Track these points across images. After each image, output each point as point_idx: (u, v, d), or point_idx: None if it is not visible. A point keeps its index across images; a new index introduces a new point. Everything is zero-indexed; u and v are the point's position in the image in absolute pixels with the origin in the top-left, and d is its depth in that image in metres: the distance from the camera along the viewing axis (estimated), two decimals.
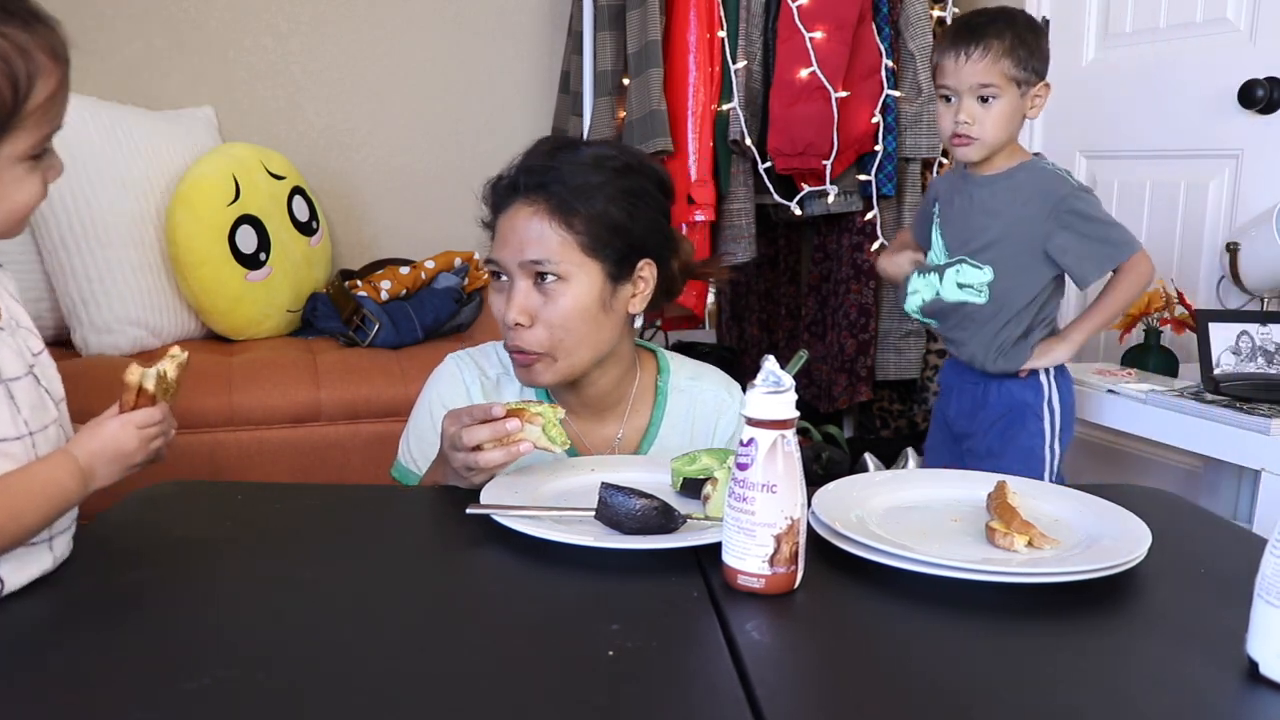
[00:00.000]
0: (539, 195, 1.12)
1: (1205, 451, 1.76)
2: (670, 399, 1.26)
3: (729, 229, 2.38)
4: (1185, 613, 0.82)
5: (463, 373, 1.23)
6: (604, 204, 1.12)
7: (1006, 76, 1.55)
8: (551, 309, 1.11)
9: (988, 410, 1.70)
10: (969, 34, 1.56)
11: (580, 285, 1.12)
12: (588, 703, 0.66)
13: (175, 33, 2.69)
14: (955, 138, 1.60)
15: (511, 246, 1.12)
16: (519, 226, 1.12)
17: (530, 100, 2.97)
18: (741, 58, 2.34)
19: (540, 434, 0.99)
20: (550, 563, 0.87)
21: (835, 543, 0.88)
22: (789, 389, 0.80)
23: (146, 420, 0.84)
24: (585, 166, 1.13)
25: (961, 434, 1.76)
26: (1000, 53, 1.54)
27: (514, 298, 1.12)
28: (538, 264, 1.11)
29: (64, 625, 0.77)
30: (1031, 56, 1.56)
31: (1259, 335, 1.79)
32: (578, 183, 1.11)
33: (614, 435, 1.25)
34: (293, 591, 0.83)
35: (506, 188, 1.15)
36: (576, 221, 1.11)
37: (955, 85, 1.57)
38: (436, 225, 2.92)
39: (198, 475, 1.96)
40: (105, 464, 0.83)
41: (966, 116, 1.57)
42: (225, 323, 2.35)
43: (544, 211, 1.11)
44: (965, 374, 1.74)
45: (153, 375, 0.85)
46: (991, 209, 1.63)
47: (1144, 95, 2.29)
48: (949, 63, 1.57)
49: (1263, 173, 2.04)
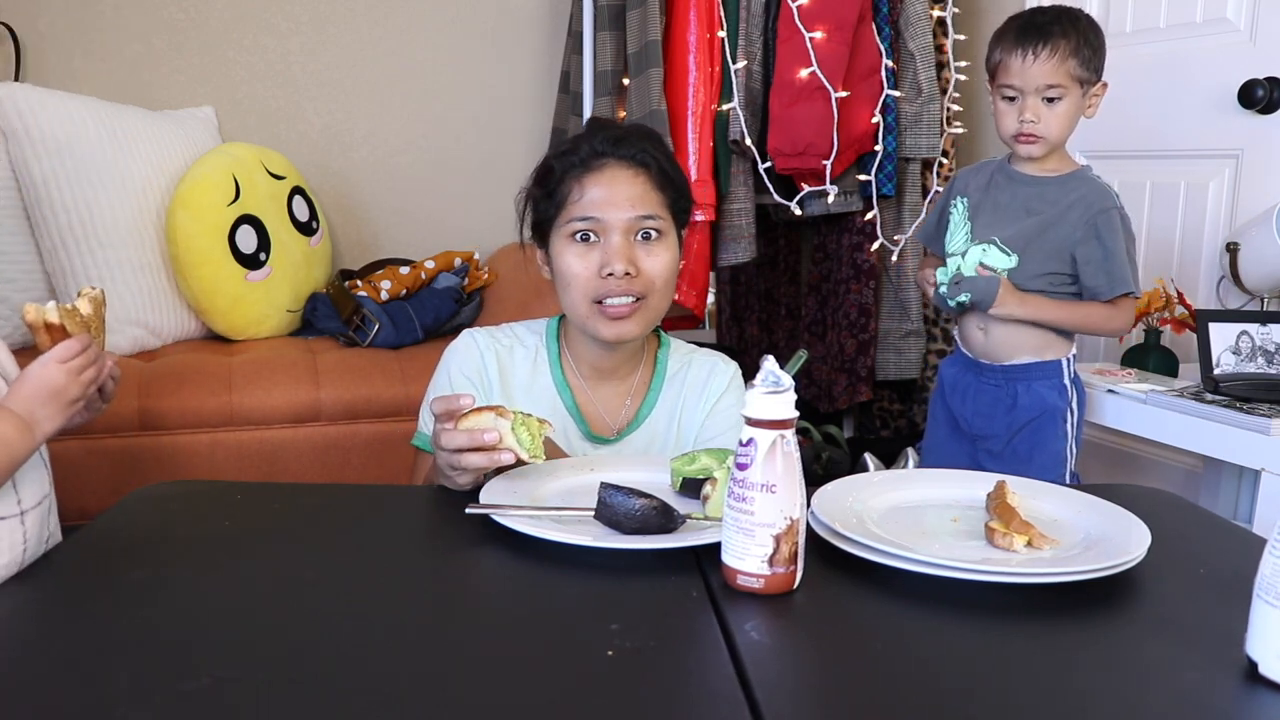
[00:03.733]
0: (634, 162, 1.22)
1: (1205, 451, 1.76)
2: (670, 369, 1.33)
3: (729, 229, 2.38)
4: (1185, 613, 0.82)
5: (478, 342, 1.29)
6: (682, 177, 1.27)
7: (1072, 77, 1.55)
8: (654, 261, 1.21)
9: (1017, 413, 1.69)
10: (1036, 33, 1.55)
11: (672, 243, 1.24)
12: (588, 703, 0.66)
13: (175, 33, 2.69)
14: (1021, 137, 1.59)
15: (618, 204, 1.20)
16: (622, 185, 1.21)
17: (530, 100, 2.97)
18: (741, 58, 2.34)
19: (508, 431, 0.99)
20: (550, 563, 0.87)
21: (835, 543, 0.88)
22: (789, 389, 0.80)
23: (66, 353, 0.82)
24: (657, 142, 1.26)
25: (980, 435, 1.75)
26: (1067, 53, 1.54)
27: (620, 249, 1.20)
28: (648, 219, 1.21)
29: (63, 624, 0.77)
30: (1095, 56, 1.56)
31: (1259, 335, 1.79)
32: (663, 153, 1.24)
33: (623, 403, 1.31)
34: (293, 591, 0.83)
35: (590, 154, 1.22)
36: (669, 187, 1.24)
37: (1021, 85, 1.57)
38: (436, 225, 2.92)
39: (198, 475, 1.96)
40: (42, 406, 0.81)
41: (1033, 115, 1.57)
42: (225, 323, 2.35)
43: (646, 176, 1.22)
44: (986, 372, 1.72)
45: (52, 307, 0.83)
46: (1035, 209, 1.63)
47: (1144, 95, 2.29)
48: (1015, 62, 1.56)
49: (1263, 173, 2.04)
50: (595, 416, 1.29)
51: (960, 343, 1.79)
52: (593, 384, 1.30)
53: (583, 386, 1.29)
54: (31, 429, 0.81)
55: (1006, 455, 1.70)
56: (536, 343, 1.31)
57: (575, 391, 1.29)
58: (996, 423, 1.71)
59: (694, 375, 1.32)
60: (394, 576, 0.88)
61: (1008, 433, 1.71)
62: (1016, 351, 1.69)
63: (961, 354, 1.79)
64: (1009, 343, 1.68)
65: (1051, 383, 1.68)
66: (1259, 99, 1.99)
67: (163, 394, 1.99)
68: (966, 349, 1.77)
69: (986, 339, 1.70)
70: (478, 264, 2.67)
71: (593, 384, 1.30)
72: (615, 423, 1.30)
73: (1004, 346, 1.69)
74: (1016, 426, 1.70)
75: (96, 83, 2.61)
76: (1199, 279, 2.16)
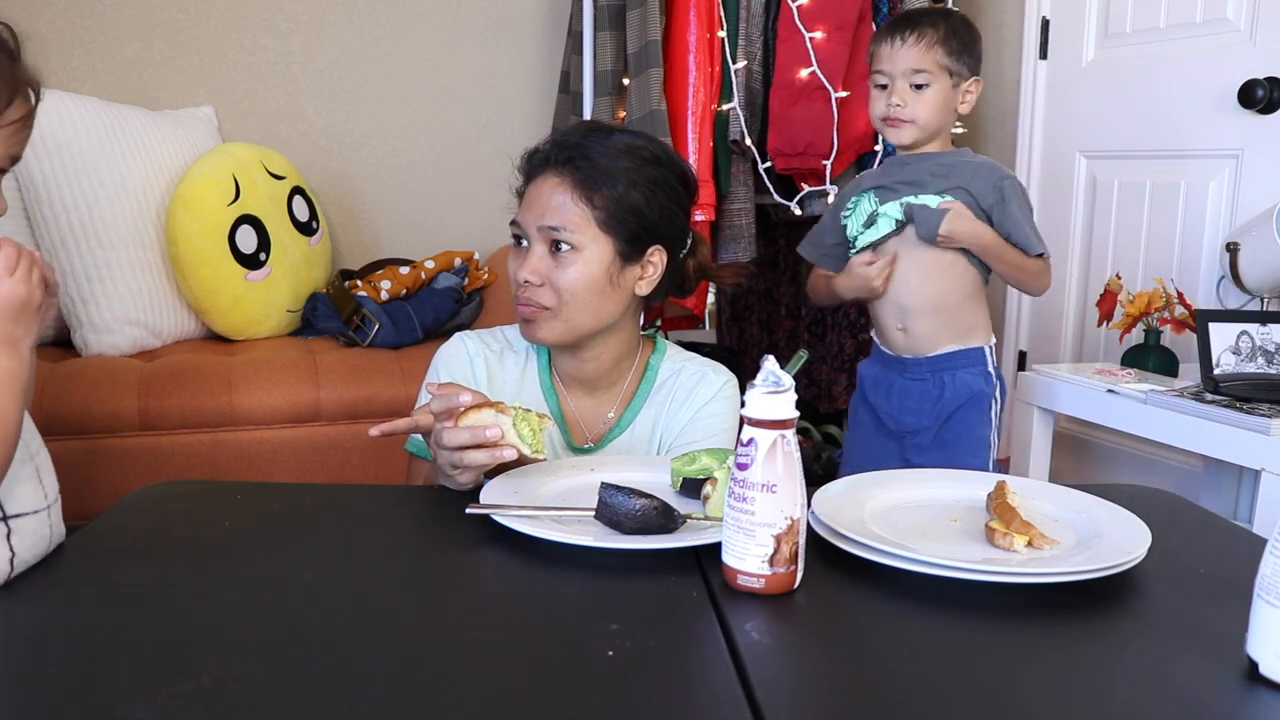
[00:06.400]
0: (566, 169, 1.19)
1: (1205, 451, 1.76)
2: (660, 375, 1.31)
3: (729, 229, 2.38)
4: (1185, 613, 0.82)
5: (467, 346, 1.29)
6: (625, 187, 1.19)
7: (939, 65, 1.62)
8: (561, 274, 1.18)
9: (943, 402, 1.71)
10: (904, 23, 1.64)
11: (591, 257, 1.19)
12: (587, 703, 0.66)
13: (175, 33, 2.69)
14: (888, 120, 1.65)
15: (534, 212, 1.20)
16: (544, 195, 1.19)
17: (530, 100, 2.97)
18: (741, 58, 2.34)
19: (510, 428, 0.99)
20: (550, 563, 0.87)
21: (835, 543, 0.88)
22: (789, 389, 0.80)
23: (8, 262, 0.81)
24: (615, 150, 1.20)
25: (908, 430, 1.75)
26: (934, 41, 1.62)
27: (529, 259, 1.19)
28: (555, 230, 1.18)
29: (62, 624, 0.77)
30: (964, 50, 1.64)
31: (1259, 335, 1.79)
32: (604, 163, 1.19)
33: (606, 413, 1.29)
34: (292, 591, 0.83)
35: (540, 159, 1.23)
36: (596, 198, 1.18)
37: (889, 70, 1.64)
38: (436, 225, 2.92)
39: (198, 475, 1.96)
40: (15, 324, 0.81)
41: (899, 100, 1.63)
42: (225, 323, 2.35)
43: (569, 185, 1.19)
44: (910, 368, 1.73)
45: None
46: (938, 171, 1.67)
47: (1144, 95, 2.29)
48: (884, 49, 1.65)
49: (1263, 173, 2.04)
50: (577, 425, 1.28)
51: (879, 342, 1.80)
52: (577, 393, 1.29)
53: (568, 396, 1.29)
54: (18, 349, 0.80)
55: (934, 445, 1.71)
56: (527, 348, 1.30)
57: (561, 399, 1.28)
58: (925, 416, 1.73)
59: (682, 383, 1.30)
60: (394, 576, 0.88)
61: (936, 424, 1.72)
62: (939, 342, 1.71)
63: (881, 352, 1.79)
64: (931, 335, 1.71)
65: (976, 370, 1.71)
66: (1259, 99, 1.99)
67: (163, 394, 1.99)
68: (887, 347, 1.77)
69: (907, 335, 1.72)
70: (478, 264, 2.67)
71: (577, 393, 1.29)
72: (594, 431, 1.29)
73: (926, 339, 1.71)
74: (944, 416, 1.71)
75: (96, 83, 2.61)
76: (1199, 279, 2.16)
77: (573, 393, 1.29)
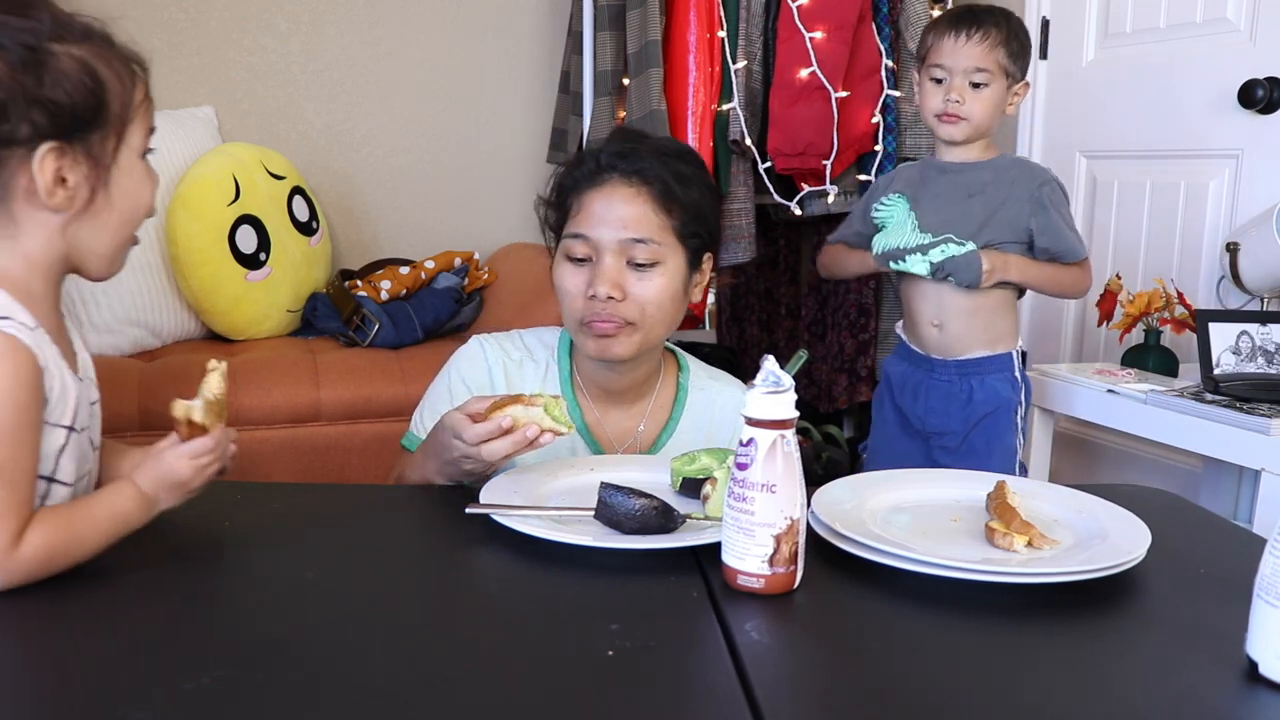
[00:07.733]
0: (639, 179, 1.16)
1: (1205, 451, 1.76)
2: (691, 395, 1.28)
3: (729, 229, 2.38)
4: (1185, 613, 0.82)
5: (486, 353, 1.25)
6: (697, 194, 1.18)
7: (999, 65, 1.61)
8: (646, 287, 1.15)
9: (973, 408, 1.70)
10: (970, 18, 1.61)
11: (673, 268, 1.17)
12: (587, 703, 0.66)
13: (175, 33, 2.69)
14: (944, 116, 1.63)
15: (610, 224, 1.15)
16: (617, 206, 1.15)
17: (530, 100, 2.97)
18: (741, 58, 2.34)
19: (543, 415, 0.99)
20: (550, 563, 0.87)
21: (835, 543, 0.88)
22: (789, 389, 0.80)
23: (199, 450, 0.89)
24: (675, 157, 1.19)
25: (935, 431, 1.75)
26: (998, 41, 1.60)
27: (605, 273, 1.14)
28: (640, 243, 1.14)
29: (62, 624, 0.77)
30: (1022, 52, 1.63)
31: (1259, 335, 1.79)
32: (676, 170, 1.17)
33: (636, 427, 1.26)
34: (292, 591, 0.83)
35: (597, 168, 1.18)
36: (675, 208, 1.16)
37: (951, 65, 1.62)
38: (436, 225, 2.92)
39: None
40: (166, 491, 0.89)
41: (958, 96, 1.61)
42: (225, 323, 2.35)
43: (647, 195, 1.15)
44: (939, 368, 1.73)
45: (198, 408, 0.88)
46: (974, 189, 1.66)
47: (1144, 95, 2.29)
48: (946, 43, 1.62)
49: (1263, 173, 2.04)
50: (605, 439, 1.25)
51: (907, 339, 1.79)
52: (603, 405, 1.25)
53: (592, 407, 1.25)
54: (151, 508, 0.88)
55: (964, 451, 1.70)
56: (547, 357, 1.26)
57: (585, 411, 1.24)
58: (953, 418, 1.72)
59: (721, 416, 1.27)
60: (394, 576, 0.88)
61: (964, 428, 1.71)
62: (970, 345, 1.70)
63: (908, 350, 1.78)
64: (964, 335, 1.70)
65: (1004, 376, 1.70)
66: (1259, 99, 1.99)
67: (163, 394, 1.98)
68: (917, 345, 1.76)
69: (942, 332, 1.71)
70: (478, 264, 2.67)
71: (603, 405, 1.25)
72: (625, 445, 1.25)
73: (959, 339, 1.70)
74: (973, 421, 1.71)
75: None
76: (1199, 279, 2.16)
77: (596, 403, 1.25)
